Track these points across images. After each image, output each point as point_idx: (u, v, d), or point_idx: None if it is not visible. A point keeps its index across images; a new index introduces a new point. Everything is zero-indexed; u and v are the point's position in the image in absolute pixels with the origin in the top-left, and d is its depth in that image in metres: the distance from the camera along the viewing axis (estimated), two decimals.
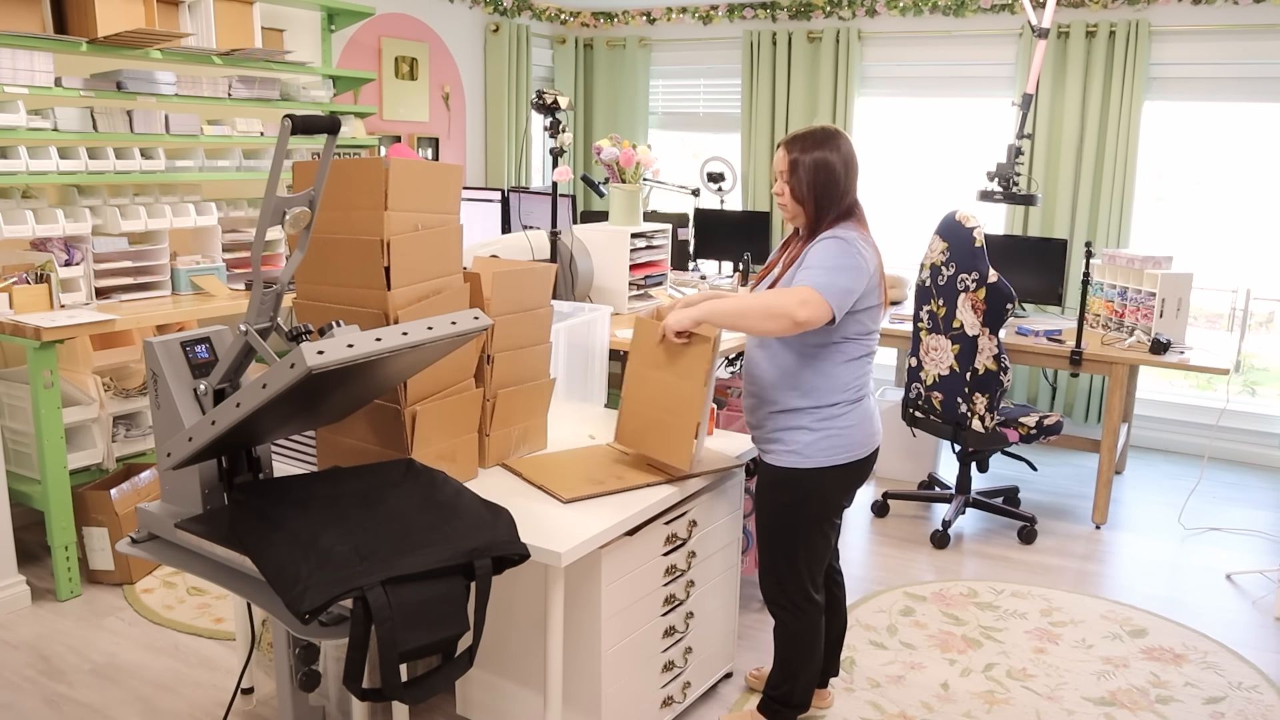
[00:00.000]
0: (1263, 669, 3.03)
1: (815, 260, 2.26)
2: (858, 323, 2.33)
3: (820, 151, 2.31)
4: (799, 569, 2.42)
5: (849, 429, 2.35)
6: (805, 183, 2.31)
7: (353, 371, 1.71)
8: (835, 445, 2.34)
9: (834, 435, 2.34)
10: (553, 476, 2.40)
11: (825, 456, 2.34)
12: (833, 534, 2.45)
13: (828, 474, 2.35)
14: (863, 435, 2.38)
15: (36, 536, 3.70)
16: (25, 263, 3.48)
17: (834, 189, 2.32)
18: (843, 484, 2.39)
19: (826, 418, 2.34)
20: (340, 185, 2.16)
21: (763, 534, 2.45)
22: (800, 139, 2.33)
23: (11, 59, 3.32)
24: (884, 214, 5.98)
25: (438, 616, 1.64)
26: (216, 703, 2.72)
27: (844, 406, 2.35)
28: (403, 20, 5.46)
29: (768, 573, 2.46)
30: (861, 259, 2.27)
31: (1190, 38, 4.91)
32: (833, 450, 2.34)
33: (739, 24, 6.12)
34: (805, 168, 2.31)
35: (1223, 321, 5.05)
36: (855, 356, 2.36)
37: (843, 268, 2.24)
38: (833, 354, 2.33)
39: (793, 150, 2.33)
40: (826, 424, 2.34)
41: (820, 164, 2.31)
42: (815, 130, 2.35)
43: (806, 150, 2.31)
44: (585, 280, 4.24)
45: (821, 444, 2.34)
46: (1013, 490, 4.29)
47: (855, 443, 2.36)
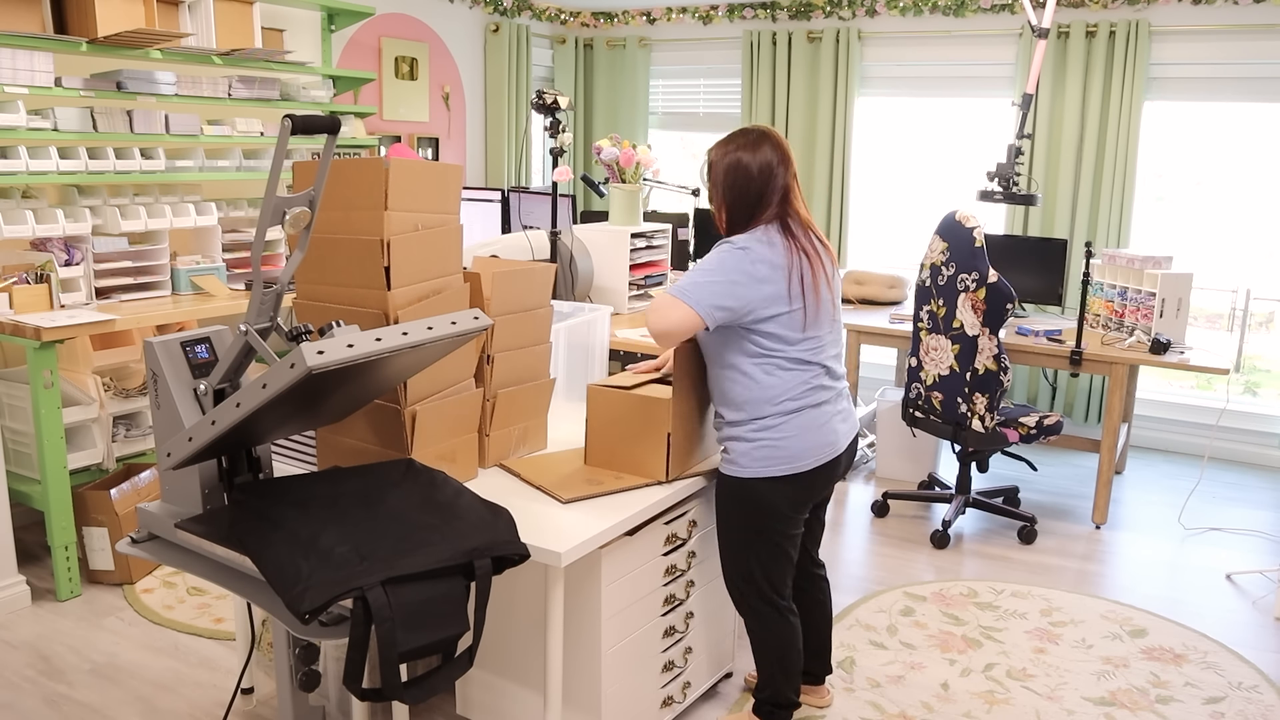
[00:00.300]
0: (1263, 669, 3.03)
1: (693, 269, 2.24)
2: (769, 335, 2.25)
3: (736, 154, 2.26)
4: (753, 577, 2.40)
5: (785, 440, 2.28)
6: (719, 186, 2.27)
7: (353, 371, 1.71)
8: (771, 456, 2.29)
9: (768, 446, 2.28)
10: (551, 477, 2.40)
11: (761, 467, 2.29)
12: (786, 544, 2.38)
13: (765, 485, 2.30)
14: (802, 447, 2.29)
15: (36, 536, 3.70)
16: (25, 263, 3.48)
17: (746, 193, 2.26)
18: (786, 496, 2.32)
19: (760, 429, 2.29)
20: (340, 185, 2.16)
21: (720, 541, 2.45)
22: (722, 141, 2.29)
23: (11, 59, 3.32)
24: (884, 214, 5.98)
25: (438, 616, 1.64)
26: (216, 703, 2.72)
27: (777, 418, 2.28)
28: (403, 20, 5.47)
29: (728, 577, 2.46)
30: (748, 270, 2.20)
31: (1190, 38, 4.91)
32: (768, 461, 2.29)
33: (739, 24, 6.12)
34: (718, 171, 2.27)
35: (1223, 321, 5.05)
36: (784, 368, 2.27)
37: (713, 280, 2.19)
38: (756, 366, 2.27)
39: (713, 151, 2.30)
40: (761, 435, 2.29)
41: (732, 167, 2.25)
42: (739, 131, 2.29)
43: (722, 153, 2.27)
44: (585, 280, 4.24)
45: (756, 454, 2.29)
46: (1013, 490, 4.29)
47: (794, 454, 2.29)
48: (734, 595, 2.46)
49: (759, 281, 2.21)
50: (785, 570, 2.41)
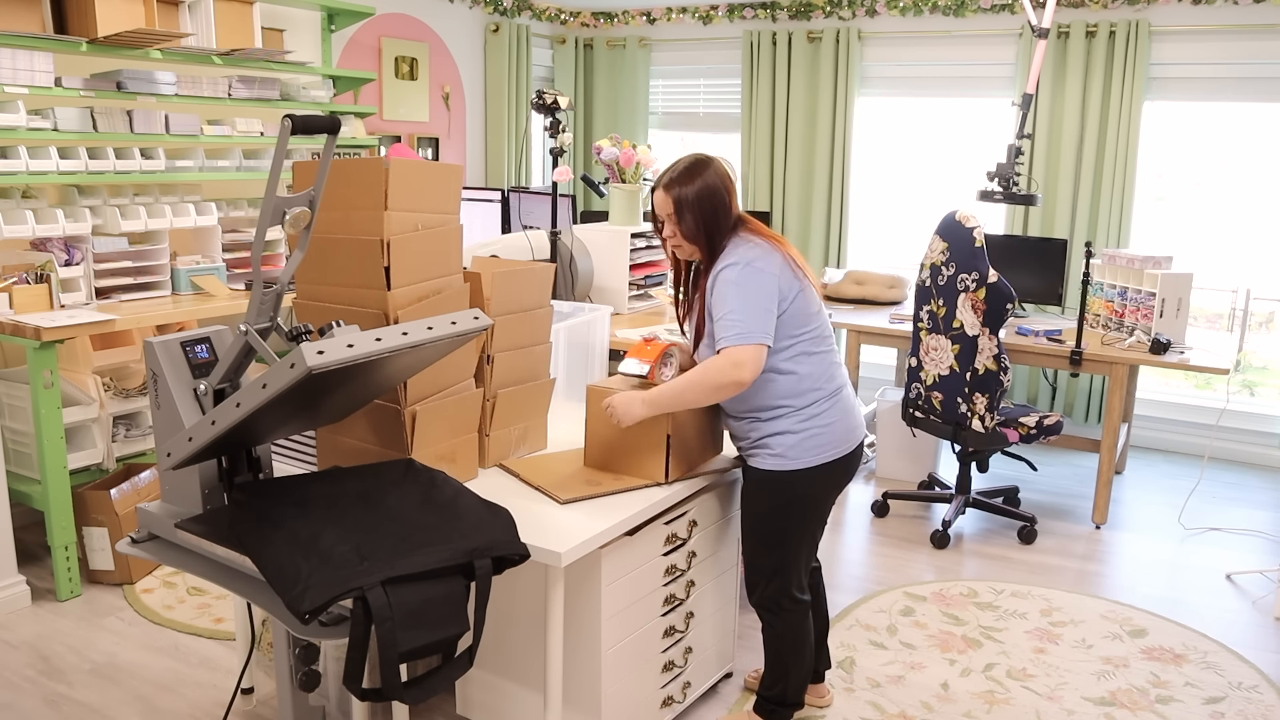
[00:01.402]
0: (1263, 669, 3.03)
1: (720, 308, 2.26)
2: (792, 319, 2.32)
3: (700, 182, 2.30)
4: (786, 571, 2.42)
5: (830, 426, 2.35)
6: (694, 219, 2.30)
7: (353, 371, 1.71)
8: (819, 444, 2.34)
9: (816, 434, 2.33)
10: (551, 477, 2.40)
11: (811, 456, 2.34)
12: (815, 534, 2.44)
13: (814, 474, 2.35)
14: (844, 430, 2.37)
15: (36, 536, 3.70)
16: (25, 263, 3.48)
17: (721, 215, 2.32)
18: (829, 483, 2.39)
19: (808, 417, 2.33)
20: (340, 185, 2.16)
21: (749, 538, 2.45)
22: (677, 177, 2.31)
23: (11, 59, 3.32)
24: (884, 214, 5.98)
25: (438, 616, 1.64)
26: (216, 703, 2.72)
27: (823, 403, 2.34)
28: (403, 20, 5.46)
29: (755, 576, 2.46)
30: (758, 273, 2.26)
31: (1190, 38, 4.91)
32: (817, 449, 2.34)
33: (739, 24, 6.12)
34: (689, 203, 2.30)
35: (1223, 321, 5.05)
36: (811, 353, 2.34)
37: (747, 299, 2.23)
38: (789, 360, 2.32)
39: (672, 189, 2.31)
40: (808, 424, 2.33)
41: (704, 193, 2.30)
42: (686, 162, 2.34)
43: (687, 184, 2.30)
44: (585, 280, 4.24)
45: (806, 444, 2.33)
46: (1013, 490, 4.29)
47: (839, 438, 2.36)
48: (758, 593, 2.46)
49: (774, 278, 2.28)
50: (809, 561, 2.46)
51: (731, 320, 2.23)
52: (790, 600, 2.44)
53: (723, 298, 2.26)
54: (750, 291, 2.24)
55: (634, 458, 2.41)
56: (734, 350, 2.21)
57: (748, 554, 2.46)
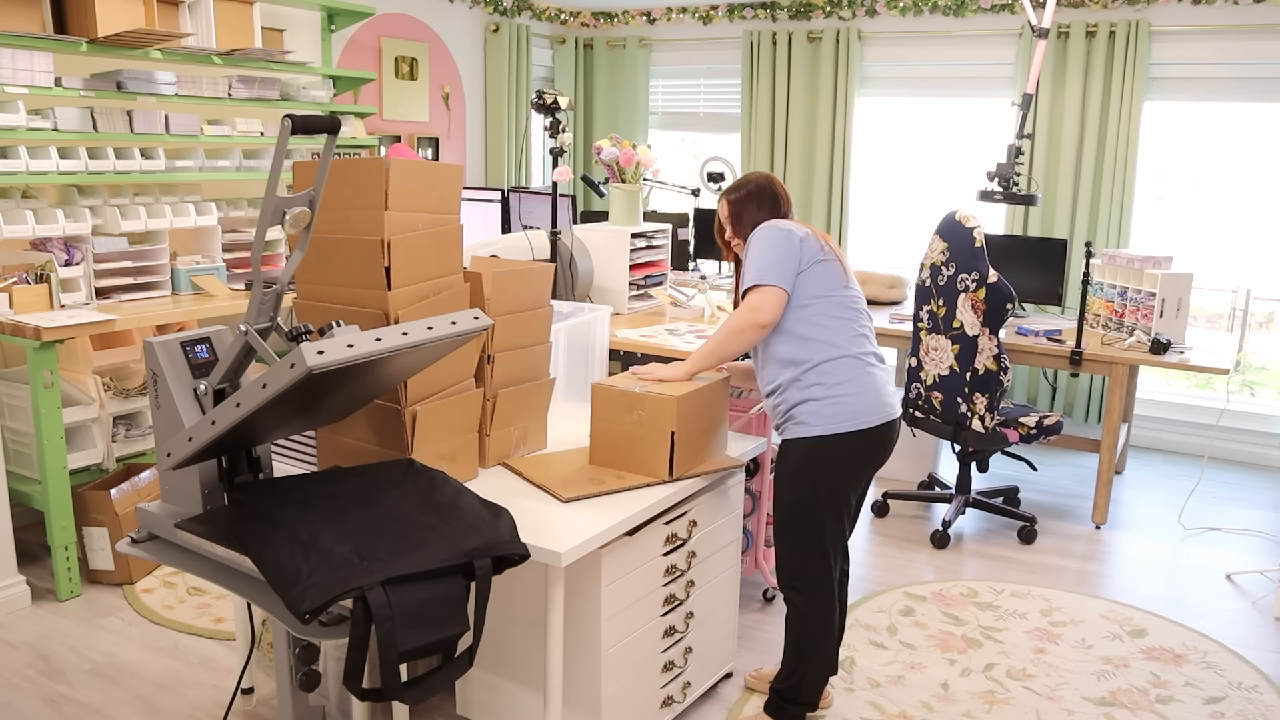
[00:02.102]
0: (1263, 669, 3.03)
1: (746, 263, 2.45)
2: (814, 281, 2.42)
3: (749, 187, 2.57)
4: (816, 546, 2.43)
5: (852, 395, 2.38)
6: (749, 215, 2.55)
7: (353, 371, 1.71)
8: (840, 411, 2.37)
9: (837, 401, 2.38)
10: (553, 476, 2.40)
11: (829, 424, 2.37)
12: (846, 516, 2.47)
13: (837, 442, 2.38)
14: (868, 404, 2.40)
15: (36, 536, 3.70)
16: (25, 263, 3.48)
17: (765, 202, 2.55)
18: (853, 457, 2.40)
19: (819, 380, 2.39)
20: (340, 185, 2.16)
21: (778, 512, 2.47)
22: (733, 186, 2.60)
23: (11, 59, 3.32)
24: (884, 214, 5.98)
25: (438, 616, 1.64)
26: (216, 703, 2.72)
27: (843, 363, 2.40)
28: (403, 20, 5.47)
29: (786, 553, 2.47)
30: (784, 233, 2.42)
31: (1190, 38, 4.91)
32: (837, 417, 2.37)
33: (739, 24, 6.12)
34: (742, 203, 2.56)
35: (1223, 321, 5.05)
36: (832, 315, 2.42)
37: (769, 250, 2.40)
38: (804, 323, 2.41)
39: (729, 196, 2.58)
40: (830, 392, 2.38)
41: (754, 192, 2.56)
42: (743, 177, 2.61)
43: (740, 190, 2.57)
44: (585, 280, 4.24)
45: (825, 411, 2.37)
46: (1013, 490, 4.29)
47: (862, 409, 2.38)
48: (790, 568, 2.47)
49: (800, 239, 2.43)
50: (840, 540, 2.48)
51: (751, 267, 2.41)
52: (819, 580, 2.45)
53: (749, 255, 2.44)
54: (770, 245, 2.40)
55: (640, 454, 2.42)
56: (751, 295, 2.38)
57: (778, 530, 2.49)
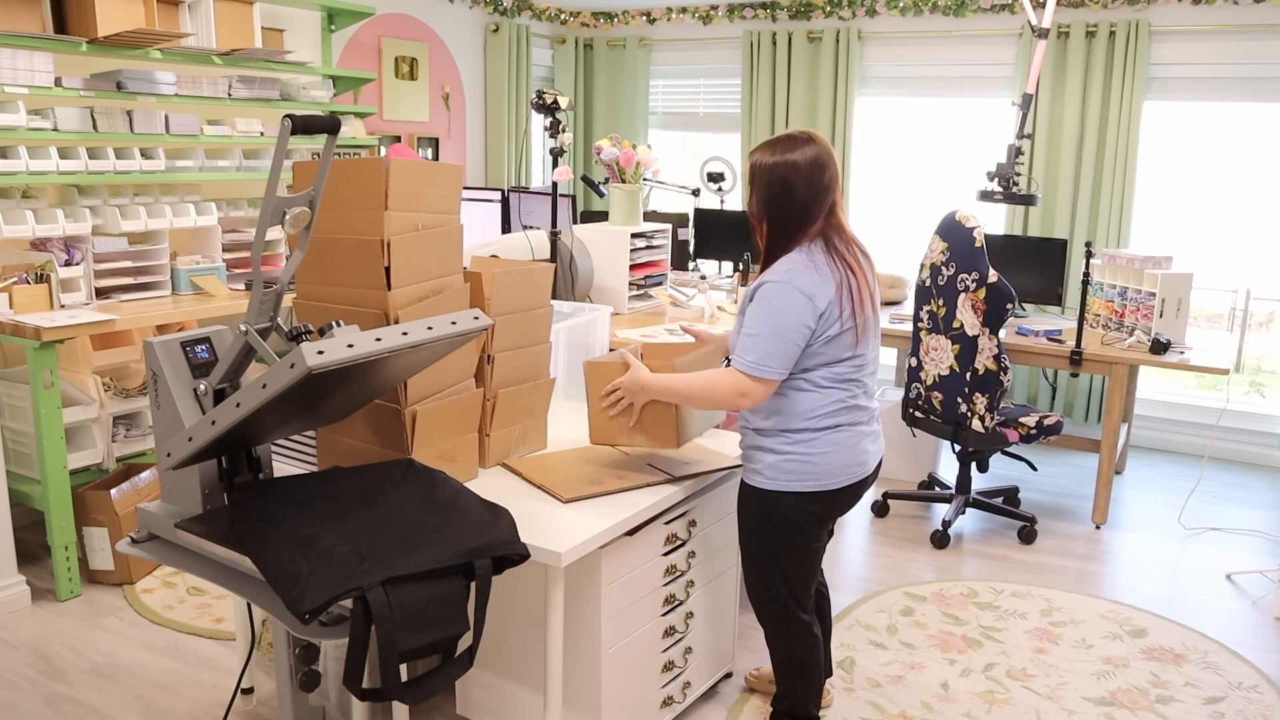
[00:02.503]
0: (1263, 669, 3.03)
1: (750, 324, 2.15)
2: (818, 355, 2.20)
3: (783, 157, 2.13)
4: (775, 588, 2.35)
5: (815, 456, 2.22)
6: (761, 195, 2.18)
7: (353, 371, 1.71)
8: (799, 471, 2.22)
9: (798, 460, 2.22)
10: (553, 476, 2.40)
11: (787, 481, 2.23)
12: (810, 556, 2.33)
13: (790, 499, 2.25)
14: (832, 464, 2.23)
15: (36, 536, 3.70)
16: (25, 263, 3.48)
17: (790, 209, 2.16)
18: (811, 512, 2.26)
19: (789, 443, 2.23)
20: (340, 185, 2.16)
21: (743, 552, 2.40)
22: (767, 144, 2.16)
23: (11, 59, 3.32)
24: (884, 214, 5.98)
25: (438, 616, 1.64)
26: (216, 703, 2.72)
27: (808, 434, 2.22)
28: (403, 20, 5.46)
29: (749, 587, 2.42)
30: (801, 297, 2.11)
31: (1190, 38, 4.91)
32: (795, 475, 2.23)
33: (739, 24, 6.12)
34: (763, 177, 2.16)
35: (1223, 321, 5.05)
36: (822, 385, 2.21)
37: (777, 327, 2.11)
38: (797, 381, 2.22)
39: (754, 154, 2.18)
40: (791, 449, 2.23)
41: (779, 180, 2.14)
42: (786, 134, 2.17)
43: (768, 156, 2.16)
44: (585, 280, 4.24)
45: (784, 467, 2.23)
46: (1013, 490, 4.29)
47: (823, 471, 2.23)
48: (755, 605, 2.42)
49: (817, 317, 2.14)
50: (808, 582, 2.36)
51: (753, 344, 2.14)
52: (785, 615, 2.38)
53: (755, 315, 2.15)
54: (783, 319, 2.11)
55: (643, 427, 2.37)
56: (743, 380, 2.14)
57: (745, 567, 2.42)
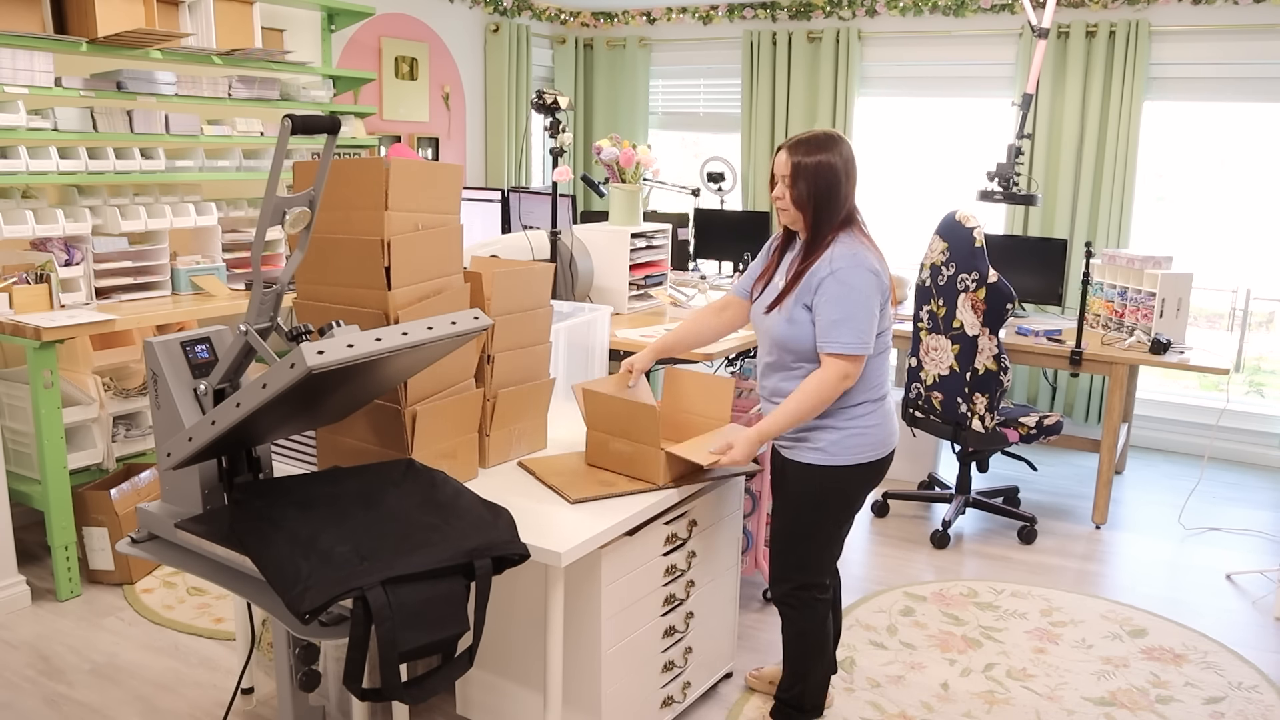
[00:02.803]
0: (1263, 669, 3.03)
1: (835, 309, 2.27)
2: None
3: (823, 156, 2.29)
4: (811, 564, 2.44)
5: (872, 428, 2.37)
6: (807, 189, 2.30)
7: (353, 371, 1.71)
8: (860, 444, 2.36)
9: (858, 434, 2.36)
10: (563, 477, 2.39)
11: (850, 455, 2.36)
12: (846, 530, 2.48)
13: (851, 472, 2.37)
14: (884, 434, 2.40)
15: (36, 536, 3.70)
16: (25, 263, 3.48)
17: (835, 196, 2.31)
18: (863, 482, 2.41)
19: (852, 417, 2.35)
20: (340, 185, 2.16)
21: (783, 530, 2.45)
22: (804, 143, 2.31)
23: (11, 59, 3.31)
24: (884, 214, 5.98)
25: (438, 616, 1.64)
26: (216, 703, 2.72)
27: (869, 405, 2.37)
28: (403, 20, 5.46)
29: (783, 570, 2.46)
30: (876, 279, 2.30)
31: (1190, 38, 4.91)
32: (858, 449, 2.36)
33: (739, 24, 6.11)
34: (807, 173, 2.29)
35: (1223, 321, 5.05)
36: (875, 355, 2.36)
37: (862, 307, 2.27)
38: None
39: (795, 154, 2.31)
40: (852, 423, 2.35)
41: (823, 169, 2.29)
42: (818, 134, 2.33)
43: (810, 154, 2.30)
44: (585, 280, 4.24)
45: (846, 443, 2.35)
46: (1013, 490, 4.29)
47: (878, 442, 2.39)
48: (784, 584, 2.47)
49: (878, 293, 2.32)
50: (835, 558, 2.50)
51: (843, 327, 2.26)
52: (814, 596, 2.46)
53: (839, 299, 2.27)
54: (865, 300, 2.27)
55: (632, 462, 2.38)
56: (840, 363, 2.26)
57: (778, 546, 2.47)
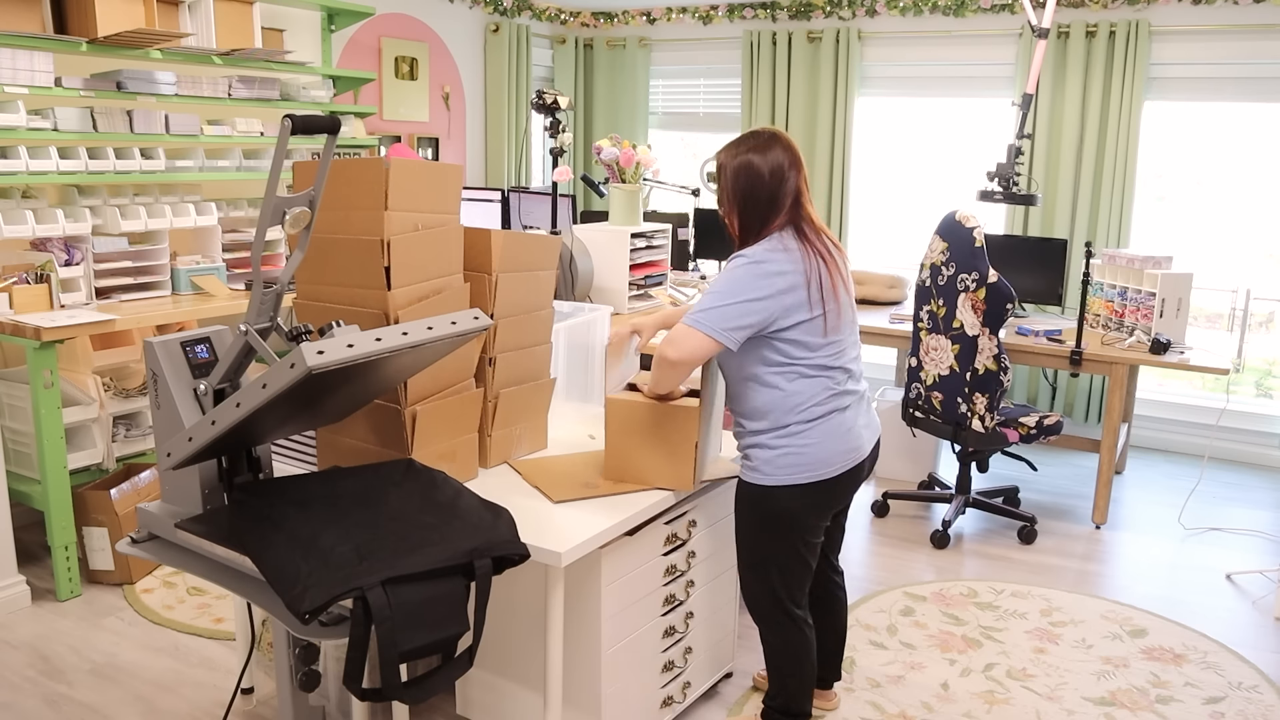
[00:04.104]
0: (1263, 669, 3.03)
1: (708, 291, 2.19)
2: (791, 342, 2.21)
3: (746, 155, 2.21)
4: (772, 587, 2.35)
5: (809, 447, 2.24)
6: (729, 189, 2.23)
7: (353, 371, 1.71)
8: (795, 463, 2.24)
9: (792, 453, 2.24)
10: (548, 478, 2.40)
11: (785, 474, 2.24)
12: (806, 552, 2.33)
13: (789, 492, 2.26)
14: (826, 453, 2.25)
15: (36, 536, 3.70)
16: (25, 263, 3.48)
17: (756, 196, 2.22)
18: (809, 503, 2.28)
19: (783, 435, 2.24)
20: (340, 185, 2.16)
21: (738, 550, 2.40)
22: (734, 143, 2.24)
23: (11, 59, 3.32)
24: (884, 214, 5.98)
25: (438, 616, 1.64)
26: (216, 703, 2.72)
27: (800, 425, 2.23)
28: (403, 20, 5.46)
29: (744, 587, 2.42)
30: (764, 283, 2.16)
31: (1190, 38, 4.91)
32: (792, 468, 2.24)
33: (739, 24, 6.12)
34: (728, 173, 2.23)
35: (1223, 321, 5.05)
36: (806, 375, 2.23)
37: (728, 302, 2.15)
38: (778, 375, 2.24)
39: (721, 155, 2.26)
40: (784, 441, 2.24)
41: (743, 169, 2.21)
42: (753, 133, 2.25)
43: (733, 155, 2.23)
44: (585, 280, 4.24)
45: (780, 461, 2.24)
46: (1013, 490, 4.29)
47: (818, 461, 2.25)
48: (749, 603, 2.42)
49: (780, 293, 2.17)
50: (803, 579, 2.37)
51: (702, 303, 2.17)
52: (780, 613, 2.38)
53: (716, 285, 2.18)
54: (739, 289, 2.15)
55: (659, 465, 2.35)
56: (678, 329, 2.16)
57: (740, 568, 2.42)
